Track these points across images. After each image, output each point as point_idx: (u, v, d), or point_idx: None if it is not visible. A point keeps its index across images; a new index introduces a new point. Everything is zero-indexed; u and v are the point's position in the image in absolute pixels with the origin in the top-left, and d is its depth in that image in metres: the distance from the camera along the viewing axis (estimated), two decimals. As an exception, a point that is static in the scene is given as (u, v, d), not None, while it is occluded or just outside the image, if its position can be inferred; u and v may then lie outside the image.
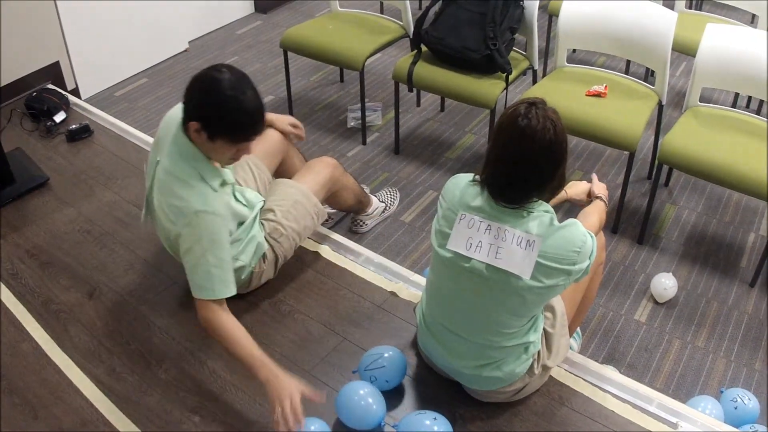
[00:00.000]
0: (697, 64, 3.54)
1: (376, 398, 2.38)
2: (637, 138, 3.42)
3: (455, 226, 2.20)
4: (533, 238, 2.10)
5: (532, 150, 2.02)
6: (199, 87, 2.34)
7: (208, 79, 2.32)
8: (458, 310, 2.30)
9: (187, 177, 2.44)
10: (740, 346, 3.14)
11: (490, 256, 2.14)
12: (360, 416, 2.36)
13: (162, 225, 2.58)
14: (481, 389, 2.43)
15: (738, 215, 3.91)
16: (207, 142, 2.37)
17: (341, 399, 2.39)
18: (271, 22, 6.00)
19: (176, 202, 2.45)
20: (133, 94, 4.93)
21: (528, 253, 2.10)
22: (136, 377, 2.58)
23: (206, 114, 2.32)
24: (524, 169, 2.06)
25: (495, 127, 2.12)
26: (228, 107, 2.30)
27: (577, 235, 2.14)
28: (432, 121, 4.67)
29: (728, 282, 3.47)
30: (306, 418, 2.28)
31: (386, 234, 3.65)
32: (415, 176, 4.12)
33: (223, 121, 2.32)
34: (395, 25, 4.37)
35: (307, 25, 4.43)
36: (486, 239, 2.14)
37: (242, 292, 2.84)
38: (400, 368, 2.52)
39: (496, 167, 2.11)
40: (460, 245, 2.19)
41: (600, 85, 3.71)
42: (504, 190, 2.12)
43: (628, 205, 3.90)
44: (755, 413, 2.69)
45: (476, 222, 2.16)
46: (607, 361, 3.03)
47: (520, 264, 2.11)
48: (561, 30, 3.84)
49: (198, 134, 2.35)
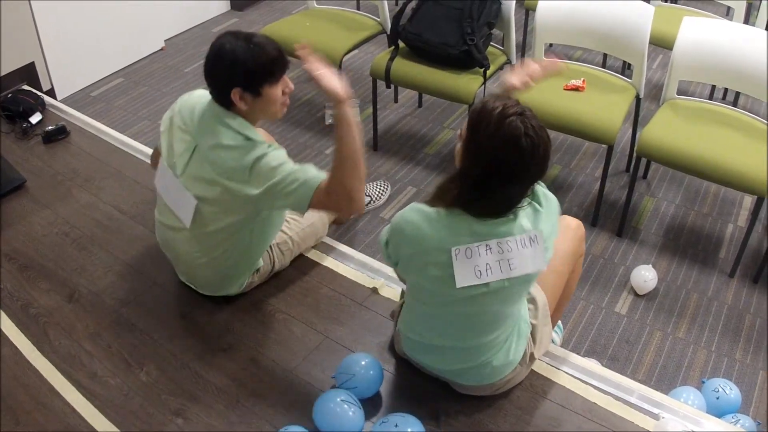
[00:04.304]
0: (674, 57, 3.56)
1: (354, 407, 2.35)
2: (615, 131, 3.44)
3: (455, 264, 2.08)
4: (533, 234, 2.09)
5: (531, 166, 1.96)
6: (219, 63, 2.40)
7: (221, 49, 2.39)
8: (457, 327, 2.26)
9: (234, 137, 2.44)
10: (721, 336, 3.16)
11: (505, 272, 2.09)
12: (338, 426, 2.33)
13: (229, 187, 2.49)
14: (479, 384, 2.40)
15: (716, 206, 3.94)
16: (254, 99, 2.44)
17: (319, 408, 2.36)
18: (247, 19, 5.97)
19: (235, 163, 2.43)
20: (110, 94, 4.90)
21: (535, 249, 2.10)
22: (117, 380, 2.56)
23: (240, 77, 2.39)
24: (517, 185, 2.02)
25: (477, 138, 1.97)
26: (254, 57, 2.38)
27: (551, 198, 2.18)
28: (410, 117, 4.67)
29: (708, 273, 3.49)
30: (286, 426, 2.29)
31: (366, 231, 3.65)
32: (395, 172, 4.12)
33: (258, 69, 2.40)
34: (372, 22, 4.36)
35: (283, 22, 4.42)
36: (492, 259, 2.07)
37: (231, 294, 2.85)
38: (376, 377, 2.47)
39: (481, 186, 2.00)
40: (470, 278, 2.09)
41: (578, 79, 3.72)
42: (494, 208, 2.06)
43: (607, 198, 3.92)
44: (737, 403, 2.71)
45: (473, 249, 2.07)
46: (588, 353, 3.04)
47: (534, 261, 2.11)
48: (538, 24, 3.84)
49: (243, 100, 2.42)
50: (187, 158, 2.53)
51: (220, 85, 2.43)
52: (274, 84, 2.45)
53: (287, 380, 2.56)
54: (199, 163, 2.49)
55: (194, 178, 2.51)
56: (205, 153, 2.47)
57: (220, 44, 2.40)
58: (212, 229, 2.56)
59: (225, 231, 2.56)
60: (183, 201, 2.57)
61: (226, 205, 2.49)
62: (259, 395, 2.50)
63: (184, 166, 2.54)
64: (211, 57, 2.41)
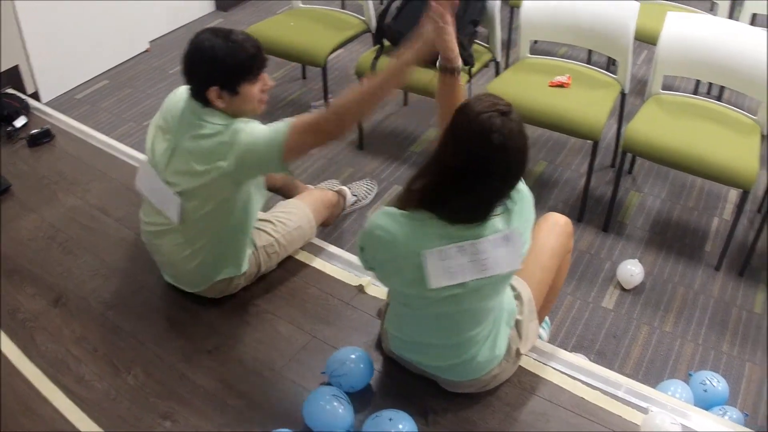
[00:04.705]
0: (658, 53, 3.57)
1: (343, 404, 2.35)
2: (600, 127, 3.45)
3: (427, 266, 2.05)
4: (507, 233, 2.06)
5: (500, 166, 1.92)
6: (197, 60, 2.40)
7: (199, 46, 2.39)
8: (441, 325, 2.25)
9: (211, 130, 2.44)
10: (707, 329, 3.17)
11: (479, 272, 2.07)
12: (328, 423, 2.33)
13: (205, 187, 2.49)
14: (465, 379, 2.40)
15: (702, 200, 3.95)
16: (232, 98, 2.43)
17: (309, 406, 2.36)
18: (232, 20, 5.96)
19: (211, 146, 2.43)
20: (95, 97, 4.88)
21: (510, 248, 2.07)
22: (105, 384, 2.56)
23: (217, 75, 2.39)
24: (488, 188, 1.98)
25: (453, 134, 1.95)
26: (232, 55, 2.37)
27: (525, 196, 2.14)
28: (395, 115, 4.67)
29: (694, 266, 3.50)
30: (275, 430, 2.30)
31: (352, 230, 3.65)
32: (380, 171, 4.12)
33: (235, 68, 2.40)
34: (357, 21, 4.36)
35: (268, 22, 4.42)
36: (465, 260, 2.05)
37: (211, 296, 2.85)
38: (366, 370, 2.49)
39: (451, 185, 1.97)
40: (443, 279, 2.07)
41: (563, 76, 3.73)
42: (464, 213, 2.03)
43: (592, 193, 3.93)
44: (725, 395, 2.72)
45: (445, 251, 2.04)
46: (576, 349, 3.05)
47: (509, 261, 2.09)
48: (523, 21, 3.85)
49: (221, 97, 2.42)
50: (168, 156, 2.53)
51: (198, 83, 2.43)
52: (252, 82, 2.45)
53: (275, 381, 2.56)
54: (180, 158, 2.50)
55: (176, 173, 2.51)
56: (185, 147, 2.47)
57: (199, 41, 2.39)
58: (194, 218, 2.56)
59: (207, 218, 2.55)
60: (168, 200, 2.57)
61: (208, 191, 2.49)
62: (246, 396, 2.50)
63: (166, 164, 2.54)
64: (188, 54, 2.41)
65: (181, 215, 2.56)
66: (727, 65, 3.47)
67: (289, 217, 2.97)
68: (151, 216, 2.71)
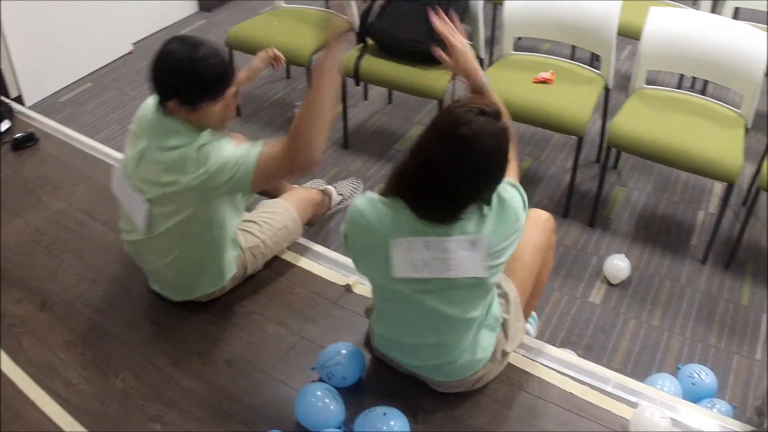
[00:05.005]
0: (641, 48, 3.58)
1: (335, 400, 2.37)
2: (584, 122, 3.45)
3: (393, 255, 2.07)
4: (474, 238, 2.03)
5: (467, 161, 1.90)
6: (159, 67, 2.35)
7: (163, 56, 2.33)
8: (418, 324, 2.25)
9: (177, 142, 2.39)
10: (695, 322, 3.18)
11: (442, 271, 2.07)
12: (319, 419, 2.34)
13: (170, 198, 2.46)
14: (449, 380, 2.41)
15: (687, 194, 3.96)
16: (192, 113, 2.37)
17: (300, 402, 2.37)
18: (215, 20, 5.95)
19: (173, 160, 2.39)
20: (78, 99, 4.86)
21: (475, 253, 2.04)
22: (93, 388, 2.55)
23: (177, 87, 2.34)
24: (455, 185, 1.95)
25: (431, 124, 1.98)
26: (192, 71, 2.31)
27: (507, 206, 2.07)
28: (380, 113, 4.67)
29: (680, 260, 3.52)
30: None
31: (337, 229, 3.60)
32: (365, 169, 4.12)
33: (195, 86, 2.33)
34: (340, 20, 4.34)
35: (251, 22, 4.41)
36: (430, 255, 2.05)
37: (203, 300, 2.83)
38: (358, 364, 2.51)
39: (421, 180, 1.97)
40: (407, 270, 2.09)
41: (546, 72, 3.74)
42: (435, 209, 2.02)
43: (578, 188, 3.94)
44: (713, 388, 2.73)
45: (412, 243, 2.05)
46: (564, 344, 3.06)
47: (472, 266, 2.06)
48: (506, 18, 3.86)
49: (181, 110, 2.36)
50: (136, 162, 2.50)
51: (160, 93, 2.39)
52: (215, 100, 2.39)
53: (264, 382, 2.55)
54: (147, 165, 2.46)
55: (142, 180, 2.49)
56: (151, 155, 2.44)
57: (165, 51, 2.34)
58: (163, 229, 2.53)
59: (175, 230, 2.52)
60: (136, 206, 2.55)
61: (173, 202, 2.46)
62: (236, 398, 2.49)
63: (133, 170, 2.51)
64: (154, 62, 2.35)
65: (149, 223, 2.54)
66: (711, 59, 3.48)
67: (274, 217, 2.96)
68: (126, 222, 2.70)
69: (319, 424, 2.33)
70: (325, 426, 2.33)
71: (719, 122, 3.44)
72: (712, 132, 3.37)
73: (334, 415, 2.34)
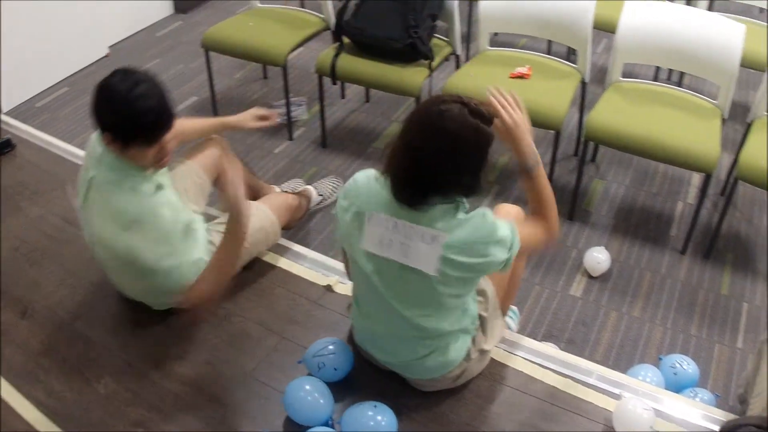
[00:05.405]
0: (617, 41, 3.58)
1: (324, 394, 2.38)
2: (562, 117, 3.46)
3: (366, 226, 2.12)
4: (437, 233, 2.04)
5: (439, 149, 1.93)
6: (98, 98, 2.25)
7: (103, 88, 2.24)
8: (386, 310, 2.24)
9: (117, 186, 2.36)
10: (675, 312, 3.19)
11: (399, 255, 2.09)
12: (308, 412, 2.35)
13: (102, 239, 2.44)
14: (422, 378, 2.42)
15: (665, 185, 3.98)
16: (124, 149, 2.29)
17: (289, 395, 2.38)
18: (191, 21, 5.92)
19: (113, 214, 2.36)
20: (55, 104, 4.82)
21: (432, 248, 2.05)
22: (75, 395, 2.53)
23: (110, 124, 2.25)
24: (426, 169, 1.97)
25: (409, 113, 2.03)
26: (125, 112, 2.20)
27: (485, 226, 2.07)
28: (358, 112, 4.66)
29: (659, 251, 3.53)
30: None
31: (317, 228, 3.63)
32: (344, 168, 4.11)
33: (127, 127, 2.23)
34: (316, 19, 4.34)
35: (227, 23, 4.39)
36: (395, 237, 2.08)
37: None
38: (349, 356, 2.52)
39: (398, 157, 2.01)
40: (373, 245, 2.13)
41: (523, 67, 3.74)
42: (403, 188, 2.03)
43: (557, 182, 3.94)
44: (695, 377, 2.75)
45: (384, 221, 2.09)
46: (546, 338, 3.06)
47: (425, 260, 2.06)
48: (482, 14, 3.86)
49: (114, 144, 2.28)
50: (85, 190, 2.47)
51: (97, 121, 2.30)
52: (146, 146, 2.29)
53: (247, 384, 2.54)
54: (92, 196, 2.44)
55: (87, 212, 2.47)
56: (96, 187, 2.40)
57: (104, 85, 2.24)
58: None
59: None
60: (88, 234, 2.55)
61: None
62: (219, 401, 2.48)
63: (83, 198, 2.48)
64: (94, 92, 2.26)
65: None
66: (686, 51, 3.49)
67: (251, 218, 2.93)
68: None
69: (308, 418, 2.35)
70: (313, 420, 2.34)
71: (696, 113, 3.46)
72: (689, 123, 3.38)
73: (323, 409, 2.36)
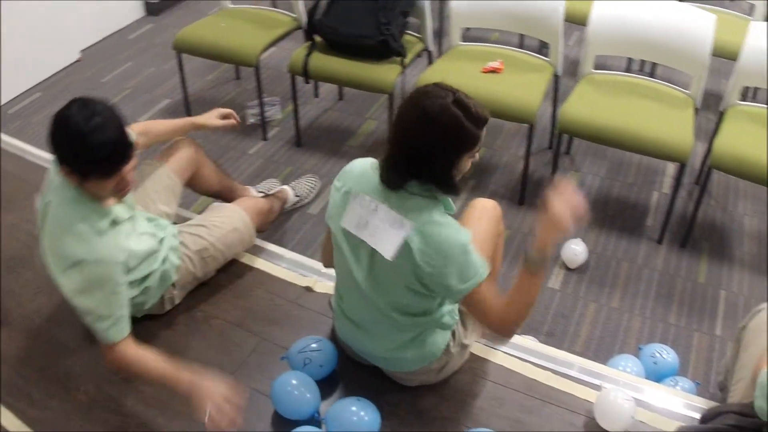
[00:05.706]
0: (588, 33, 3.60)
1: (311, 388, 2.40)
2: (535, 110, 3.46)
3: (349, 205, 2.16)
4: (405, 221, 2.04)
5: (417, 127, 1.95)
6: (54, 130, 2.17)
7: (59, 120, 2.17)
8: (361, 297, 2.25)
9: (69, 222, 2.29)
10: (654, 302, 3.21)
11: (370, 237, 2.11)
12: (296, 405, 2.37)
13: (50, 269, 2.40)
14: (401, 371, 2.42)
15: (640, 176, 4.00)
16: (82, 182, 2.23)
17: (277, 389, 2.39)
18: (163, 23, 5.89)
19: (59, 250, 2.31)
20: (27, 111, 4.78)
21: (396, 233, 2.05)
22: (56, 403, 2.51)
23: (66, 156, 2.19)
24: (401, 146, 2.00)
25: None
26: (81, 146, 2.14)
27: (457, 239, 2.04)
28: (331, 110, 4.65)
29: (636, 241, 3.55)
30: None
31: (294, 228, 3.62)
32: (319, 167, 4.09)
33: (82, 161, 2.17)
34: (288, 18, 4.33)
35: (199, 24, 4.36)
36: (372, 220, 2.09)
37: (155, 313, 2.79)
38: (333, 354, 2.53)
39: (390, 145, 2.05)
40: (351, 224, 2.15)
41: (495, 61, 3.74)
42: (386, 168, 2.06)
43: (532, 176, 3.95)
44: (675, 365, 2.76)
45: (367, 202, 2.11)
46: (525, 331, 3.06)
47: (387, 243, 2.06)
48: (453, 9, 3.86)
49: (72, 176, 2.22)
50: (42, 216, 2.41)
51: (54, 154, 2.23)
52: (105, 178, 2.22)
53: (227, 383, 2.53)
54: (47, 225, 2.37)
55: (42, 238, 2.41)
56: (52, 216, 2.34)
57: (60, 116, 2.16)
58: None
59: None
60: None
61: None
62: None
63: (41, 223, 2.42)
64: (50, 124, 2.18)
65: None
66: (658, 41, 3.51)
67: (223, 220, 2.90)
68: None
69: (295, 412, 2.37)
70: (299, 414, 2.36)
71: (669, 104, 3.47)
72: (662, 113, 3.40)
73: (309, 403, 2.37)
